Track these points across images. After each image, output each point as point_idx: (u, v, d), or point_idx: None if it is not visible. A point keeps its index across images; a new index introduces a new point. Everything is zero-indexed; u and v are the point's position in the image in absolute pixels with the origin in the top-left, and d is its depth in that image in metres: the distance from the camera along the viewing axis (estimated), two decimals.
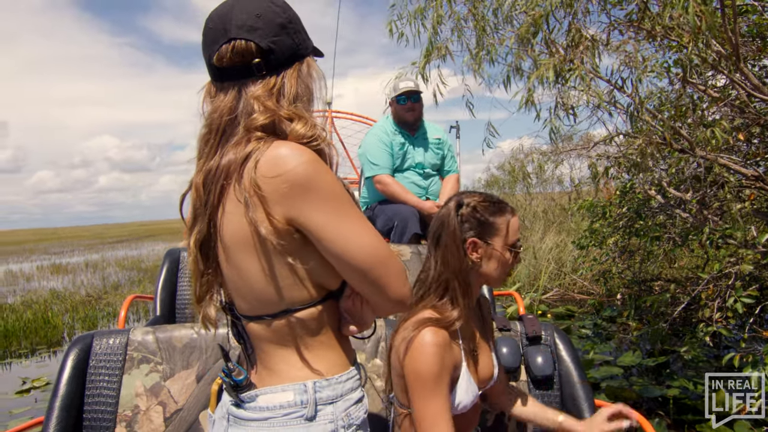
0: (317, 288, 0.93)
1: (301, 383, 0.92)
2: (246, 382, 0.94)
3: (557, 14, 2.39)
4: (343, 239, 0.87)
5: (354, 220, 0.89)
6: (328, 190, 0.87)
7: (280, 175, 0.84)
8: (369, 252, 0.89)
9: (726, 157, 3.05)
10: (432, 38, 2.56)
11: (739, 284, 3.21)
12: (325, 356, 0.95)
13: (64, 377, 1.55)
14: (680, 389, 3.59)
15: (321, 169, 0.87)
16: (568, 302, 6.45)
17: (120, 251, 19.85)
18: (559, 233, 8.60)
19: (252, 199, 0.85)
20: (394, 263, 0.92)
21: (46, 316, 7.04)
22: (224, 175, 0.89)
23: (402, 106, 3.26)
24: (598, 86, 2.65)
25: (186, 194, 0.97)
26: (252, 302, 0.93)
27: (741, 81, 2.72)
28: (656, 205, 4.06)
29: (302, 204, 0.85)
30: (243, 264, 0.90)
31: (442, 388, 1.20)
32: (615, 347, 4.64)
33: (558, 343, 1.78)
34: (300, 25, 0.98)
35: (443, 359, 1.20)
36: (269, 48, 0.92)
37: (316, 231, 0.87)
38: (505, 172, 11.96)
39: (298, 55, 0.96)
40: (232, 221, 0.89)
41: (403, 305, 0.95)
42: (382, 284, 0.91)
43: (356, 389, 0.98)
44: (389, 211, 3.21)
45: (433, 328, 1.22)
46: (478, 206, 1.31)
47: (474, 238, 1.30)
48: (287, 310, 0.92)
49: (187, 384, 1.59)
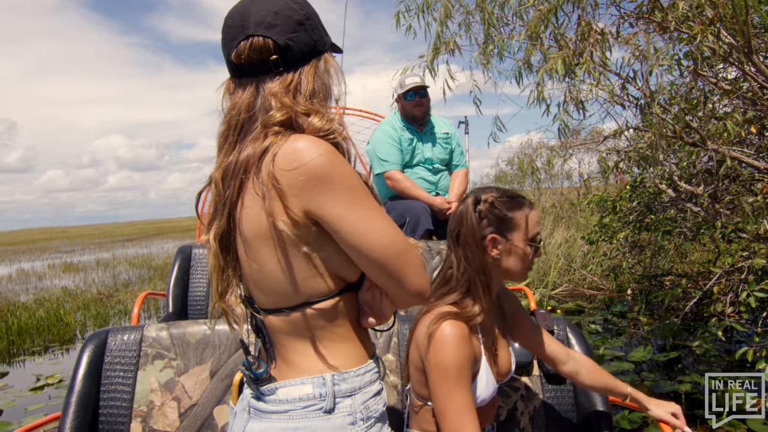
0: (336, 280, 0.94)
1: (320, 376, 0.92)
2: (266, 375, 0.95)
3: (566, 8, 2.38)
4: (360, 231, 0.87)
5: (372, 212, 0.89)
6: (345, 182, 0.87)
7: (297, 167, 0.85)
8: (387, 243, 0.89)
9: (738, 150, 3.02)
10: (440, 32, 2.55)
11: (752, 278, 3.18)
12: (343, 349, 0.96)
13: (80, 374, 1.56)
14: (692, 384, 3.56)
15: (338, 162, 0.88)
16: (577, 298, 6.42)
17: (130, 249, 19.99)
18: (569, 228, 8.56)
19: (270, 192, 0.86)
20: (413, 255, 0.92)
21: (58, 314, 7.11)
22: (243, 170, 0.90)
23: (409, 102, 3.25)
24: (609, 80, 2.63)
25: (203, 191, 0.98)
26: (271, 295, 0.94)
27: (753, 73, 2.69)
28: (667, 199, 4.03)
29: (320, 196, 0.86)
30: (262, 257, 0.91)
31: (465, 380, 1.20)
32: (626, 342, 4.62)
33: (570, 337, 1.78)
34: (318, 22, 0.99)
35: (465, 351, 1.21)
36: (286, 45, 0.93)
37: (334, 223, 0.87)
38: (514, 167, 11.93)
39: (315, 51, 0.97)
40: (251, 215, 0.90)
41: (422, 297, 0.95)
42: (401, 276, 0.91)
43: (375, 382, 0.98)
44: (400, 207, 3.21)
45: (453, 321, 1.23)
46: (495, 202, 1.31)
47: (493, 234, 1.30)
48: (306, 303, 0.92)
49: (201, 379, 1.60)
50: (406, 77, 3.24)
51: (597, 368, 1.54)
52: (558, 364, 1.53)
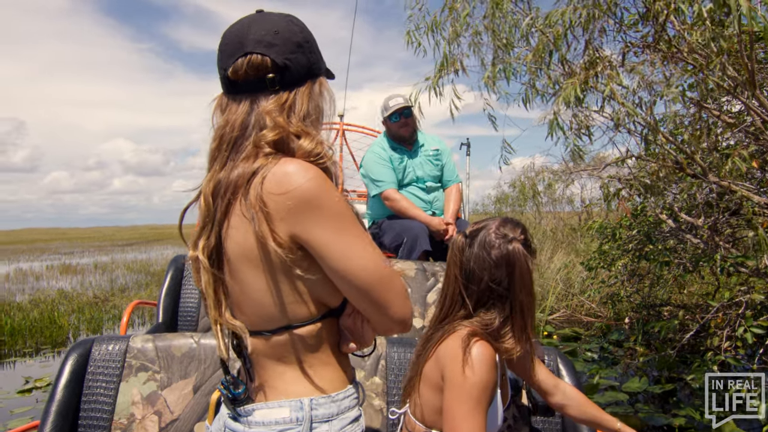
0: (318, 305, 0.93)
1: (298, 400, 0.91)
2: (244, 395, 0.94)
3: (576, 32, 2.39)
4: (346, 258, 0.87)
5: (358, 239, 0.89)
6: (333, 208, 0.87)
7: (286, 192, 0.85)
8: (371, 271, 0.89)
9: (740, 184, 3.01)
10: (447, 51, 2.57)
11: (749, 313, 3.15)
12: (322, 373, 0.95)
13: (62, 382, 1.54)
14: (686, 418, 3.51)
15: (327, 187, 0.88)
16: (575, 324, 6.36)
17: (129, 254, 19.96)
18: (568, 254, 8.53)
19: (257, 215, 0.86)
20: (397, 283, 0.92)
21: (52, 316, 7.08)
22: (231, 190, 0.90)
23: (395, 123, 3.28)
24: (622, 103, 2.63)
25: (190, 205, 0.98)
26: (252, 317, 0.93)
27: (756, 107, 2.69)
28: (667, 230, 4.01)
29: (306, 221, 0.86)
30: (245, 279, 0.91)
31: (485, 405, 1.19)
32: (621, 372, 4.57)
33: (561, 367, 1.75)
34: (315, 46, 1.00)
35: (492, 375, 1.20)
36: (285, 64, 0.93)
37: (320, 249, 0.87)
38: (516, 190, 11.94)
39: (311, 74, 0.98)
40: (236, 236, 0.90)
41: (404, 325, 0.94)
42: (384, 304, 0.91)
43: (353, 408, 0.97)
44: (398, 227, 3.19)
45: (485, 342, 1.22)
46: (527, 237, 1.33)
47: (533, 264, 1.32)
48: (287, 327, 0.92)
49: (184, 394, 1.57)
50: (390, 99, 3.27)
51: (587, 401, 1.51)
52: (547, 394, 1.51)
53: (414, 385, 1.32)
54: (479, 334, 1.24)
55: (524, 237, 1.32)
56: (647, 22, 2.54)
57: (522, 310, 1.28)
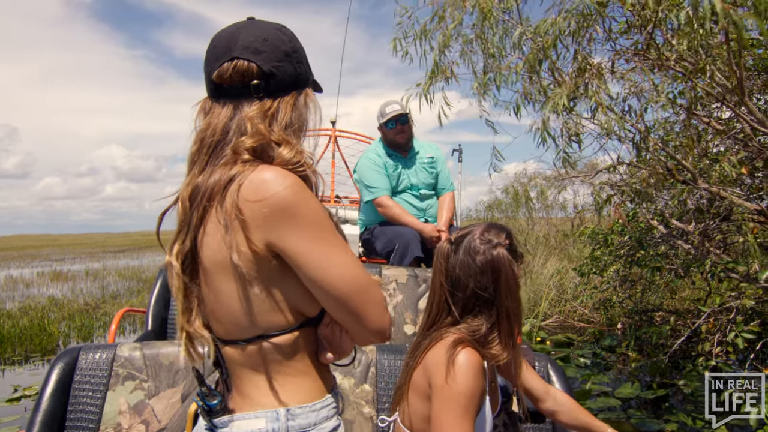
0: (295, 314, 0.92)
1: (274, 411, 0.90)
2: (220, 406, 0.92)
3: (565, 41, 2.40)
4: (322, 267, 0.86)
5: (335, 248, 0.88)
6: (309, 217, 0.86)
7: (262, 199, 0.84)
8: (348, 281, 0.87)
9: (729, 191, 3.03)
10: (438, 60, 2.57)
11: (740, 319, 3.16)
12: (299, 383, 0.93)
13: (48, 392, 1.52)
14: (678, 424, 3.51)
15: (304, 196, 0.87)
16: (568, 330, 6.37)
17: (121, 261, 19.82)
18: (561, 259, 8.55)
19: (233, 223, 0.85)
20: (374, 293, 0.91)
21: (42, 324, 7.01)
22: (208, 196, 0.89)
23: (391, 130, 3.28)
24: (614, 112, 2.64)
25: (168, 210, 0.96)
26: (227, 326, 0.92)
27: (745, 114, 2.71)
28: (658, 235, 4.03)
29: (282, 229, 0.85)
30: (220, 286, 0.89)
31: (473, 413, 1.18)
32: (614, 378, 4.57)
33: (552, 374, 1.75)
34: (304, 57, 1.00)
35: (480, 383, 1.19)
36: (271, 72, 0.93)
37: (295, 257, 0.86)
38: (508, 196, 11.97)
39: (297, 84, 0.98)
40: (212, 243, 0.88)
41: (382, 336, 0.93)
42: (361, 314, 0.89)
43: (331, 418, 0.95)
44: (390, 233, 3.19)
45: (472, 349, 1.21)
46: (512, 242, 1.33)
47: (519, 269, 1.33)
48: (262, 336, 0.91)
49: (171, 403, 1.56)
50: (386, 106, 3.26)
51: (578, 407, 1.51)
52: (538, 400, 1.51)
53: (403, 393, 1.32)
54: (466, 341, 1.23)
55: (509, 242, 1.32)
56: (636, 30, 2.56)
57: (508, 316, 1.27)
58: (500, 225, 1.38)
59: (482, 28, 2.31)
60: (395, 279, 2.61)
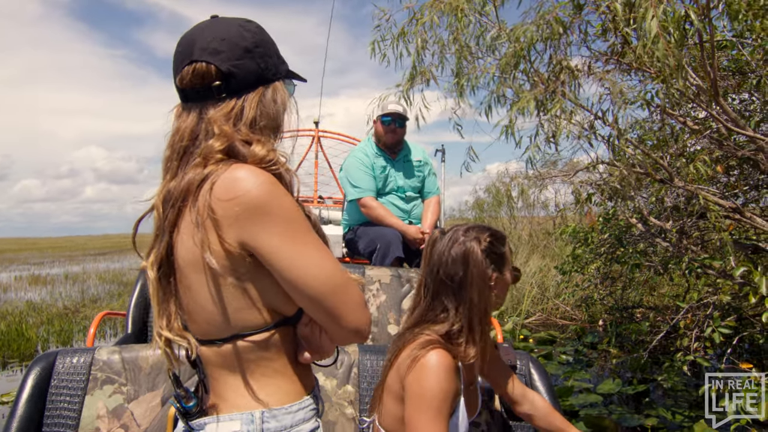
0: (271, 313, 0.91)
1: (249, 413, 0.89)
2: (196, 408, 0.92)
3: (537, 47, 2.42)
4: (296, 265, 0.86)
5: (309, 247, 0.88)
6: (282, 215, 0.86)
7: (234, 198, 0.84)
8: (323, 280, 0.87)
9: (705, 189, 3.08)
10: (416, 62, 2.58)
11: (717, 314, 3.22)
12: (276, 384, 0.93)
13: (24, 397, 1.50)
14: (659, 419, 3.57)
15: (277, 194, 0.86)
16: (550, 327, 6.44)
17: (102, 263, 19.52)
18: (543, 258, 8.63)
19: (205, 222, 0.85)
20: (351, 292, 0.90)
21: (20, 329, 6.87)
22: (182, 197, 0.89)
23: (386, 126, 3.26)
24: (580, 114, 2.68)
25: (143, 217, 0.96)
26: (203, 325, 0.92)
27: (719, 114, 2.76)
28: (637, 233, 4.09)
29: (255, 228, 0.84)
30: (195, 286, 0.89)
31: (445, 413, 1.18)
32: (595, 374, 4.63)
33: (533, 372, 1.77)
34: (270, 50, 0.98)
35: (451, 383, 1.19)
36: (230, 71, 0.92)
37: (269, 256, 0.86)
38: (491, 195, 12.05)
39: (262, 79, 0.96)
40: (186, 242, 0.88)
41: (360, 335, 0.93)
42: (337, 313, 0.89)
43: (309, 420, 0.95)
44: (372, 233, 3.19)
45: (442, 350, 1.21)
46: (493, 241, 1.33)
47: (494, 272, 1.32)
48: (238, 335, 0.90)
49: (151, 407, 1.54)
50: (390, 103, 3.24)
51: (553, 412, 1.52)
52: (515, 403, 1.52)
53: (380, 394, 1.32)
54: (437, 342, 1.23)
55: (490, 242, 1.32)
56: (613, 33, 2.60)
57: (471, 310, 1.28)
58: (492, 228, 1.39)
59: (457, 31, 2.32)
60: (378, 279, 2.61)
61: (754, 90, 3.34)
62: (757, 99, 3.43)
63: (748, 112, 3.51)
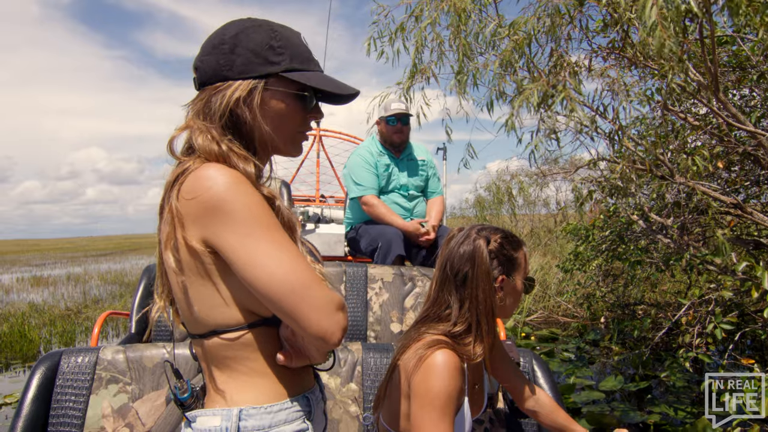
0: (244, 312, 0.91)
1: (228, 409, 0.90)
2: (190, 400, 0.94)
3: (540, 40, 2.42)
4: (251, 265, 0.84)
5: (270, 245, 0.85)
6: (241, 213, 0.85)
7: (195, 196, 0.85)
8: (280, 280, 0.83)
9: (706, 185, 3.08)
10: (416, 60, 2.57)
11: (719, 310, 3.23)
12: (256, 384, 0.93)
13: (29, 397, 1.51)
14: (661, 415, 3.57)
15: (239, 191, 0.86)
16: (552, 325, 6.44)
17: (103, 264, 19.54)
18: (545, 255, 8.63)
19: (173, 219, 0.87)
20: (314, 294, 0.85)
21: (22, 330, 6.89)
22: (168, 193, 0.91)
23: (391, 127, 3.27)
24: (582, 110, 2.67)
25: None
26: (186, 319, 0.95)
27: (720, 110, 2.76)
28: (638, 230, 4.09)
29: (215, 226, 0.85)
30: (172, 281, 0.92)
31: (451, 412, 1.18)
32: (597, 371, 4.63)
33: (536, 370, 1.77)
34: (243, 45, 0.94)
35: (457, 383, 1.20)
36: (196, 66, 0.97)
37: (228, 254, 0.86)
38: (491, 193, 12.05)
39: (219, 75, 0.94)
40: (163, 239, 0.91)
41: (324, 341, 0.86)
42: (296, 316, 0.84)
43: (292, 421, 0.93)
44: (373, 232, 3.20)
45: (448, 350, 1.22)
46: (504, 243, 1.33)
47: (502, 275, 1.32)
48: (214, 332, 0.91)
49: (156, 406, 1.55)
50: (392, 102, 3.24)
51: (557, 409, 1.53)
52: (520, 400, 1.53)
53: (385, 391, 1.33)
54: (443, 341, 1.24)
55: (500, 243, 1.33)
56: (613, 29, 2.59)
57: (477, 308, 1.28)
58: (511, 233, 1.39)
59: (458, 27, 2.32)
60: (381, 278, 2.62)
61: (754, 85, 3.34)
62: (758, 94, 3.43)
63: (749, 107, 3.51)
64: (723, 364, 3.20)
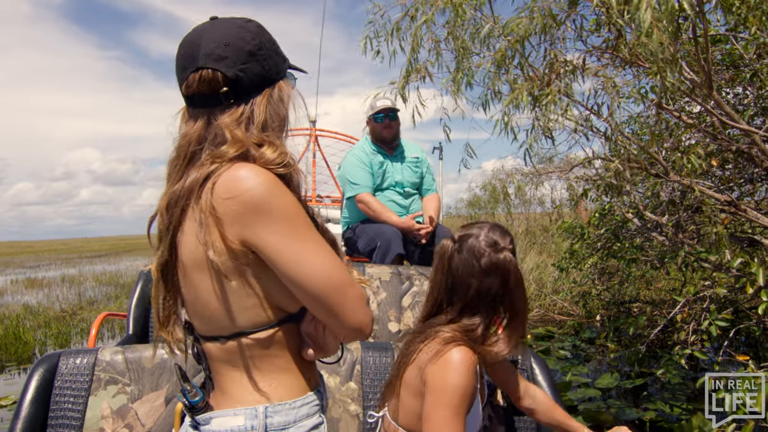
0: (275, 310, 0.92)
1: (253, 408, 0.90)
2: (202, 403, 0.93)
3: (533, 41, 2.42)
4: (295, 263, 0.86)
5: (311, 245, 0.88)
6: (283, 213, 0.86)
7: (235, 196, 0.85)
8: (323, 278, 0.87)
9: (701, 183, 3.10)
10: (411, 59, 2.58)
11: (713, 307, 3.24)
12: (280, 380, 0.94)
13: (27, 398, 1.50)
14: (657, 412, 3.60)
15: (277, 192, 0.87)
16: (548, 323, 6.46)
17: (98, 266, 19.46)
18: (540, 253, 8.66)
19: (207, 220, 0.86)
20: (352, 290, 0.90)
21: (17, 332, 6.85)
22: (186, 196, 0.90)
23: (379, 124, 3.30)
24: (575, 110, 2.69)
25: (154, 218, 0.97)
26: (207, 323, 0.93)
27: (713, 108, 2.78)
28: (633, 228, 4.11)
29: (256, 226, 0.85)
30: (199, 284, 0.90)
31: (465, 410, 1.19)
32: (593, 369, 4.65)
33: (534, 367, 1.78)
34: (272, 49, 0.98)
35: (473, 381, 1.21)
36: (236, 77, 0.92)
37: (270, 254, 0.86)
38: (487, 192, 12.08)
39: (267, 81, 0.96)
40: (190, 242, 0.89)
41: (361, 333, 0.93)
42: (338, 311, 0.89)
43: (313, 415, 0.96)
44: (371, 232, 3.21)
45: (465, 347, 1.22)
46: (514, 245, 1.36)
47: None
48: (242, 332, 0.91)
49: (155, 406, 1.55)
50: (377, 100, 3.27)
51: (554, 406, 1.54)
52: (517, 398, 1.54)
53: (394, 389, 1.33)
54: (460, 339, 1.24)
55: (512, 246, 1.34)
56: (607, 28, 2.61)
57: (518, 316, 1.30)
58: (503, 227, 1.39)
59: (454, 26, 2.32)
60: (379, 277, 2.62)
61: (748, 84, 3.37)
62: (751, 92, 3.45)
63: (742, 105, 3.53)
64: (718, 361, 3.22)
